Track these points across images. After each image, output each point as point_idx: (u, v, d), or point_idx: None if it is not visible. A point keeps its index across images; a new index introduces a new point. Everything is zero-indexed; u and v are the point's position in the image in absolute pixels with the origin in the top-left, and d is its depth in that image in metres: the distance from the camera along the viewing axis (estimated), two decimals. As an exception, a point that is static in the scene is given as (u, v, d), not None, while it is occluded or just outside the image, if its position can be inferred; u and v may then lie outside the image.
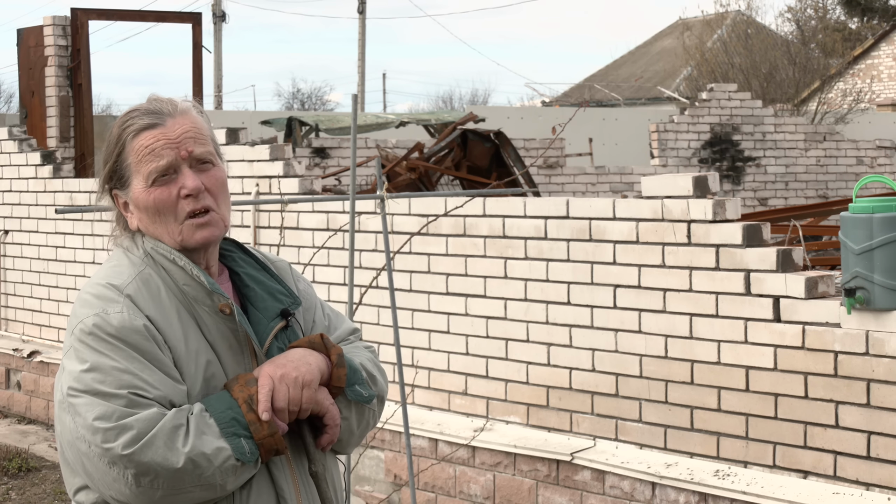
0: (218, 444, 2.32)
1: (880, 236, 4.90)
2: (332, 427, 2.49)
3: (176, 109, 2.48)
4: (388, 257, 5.34)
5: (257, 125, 16.53)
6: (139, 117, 2.48)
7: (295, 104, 57.37)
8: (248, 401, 2.37)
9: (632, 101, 33.67)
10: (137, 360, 2.35)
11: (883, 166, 16.11)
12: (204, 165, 2.47)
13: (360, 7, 36.31)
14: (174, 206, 2.44)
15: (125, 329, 2.36)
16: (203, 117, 2.54)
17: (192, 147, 2.45)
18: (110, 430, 2.29)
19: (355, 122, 5.25)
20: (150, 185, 2.44)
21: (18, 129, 10.69)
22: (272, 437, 2.37)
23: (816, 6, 32.32)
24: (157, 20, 15.01)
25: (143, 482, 2.29)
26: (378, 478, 7.20)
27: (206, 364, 2.43)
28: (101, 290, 2.42)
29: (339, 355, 2.51)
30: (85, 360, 2.35)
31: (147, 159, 2.45)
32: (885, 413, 5.03)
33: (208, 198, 2.46)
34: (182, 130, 2.46)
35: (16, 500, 7.80)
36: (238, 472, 2.35)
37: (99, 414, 2.30)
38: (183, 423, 2.32)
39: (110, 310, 2.38)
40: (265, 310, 2.52)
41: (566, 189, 14.71)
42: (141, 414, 2.30)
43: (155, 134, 2.45)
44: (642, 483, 5.84)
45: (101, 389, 2.32)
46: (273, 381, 2.40)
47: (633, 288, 5.93)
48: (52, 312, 10.03)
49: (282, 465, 2.46)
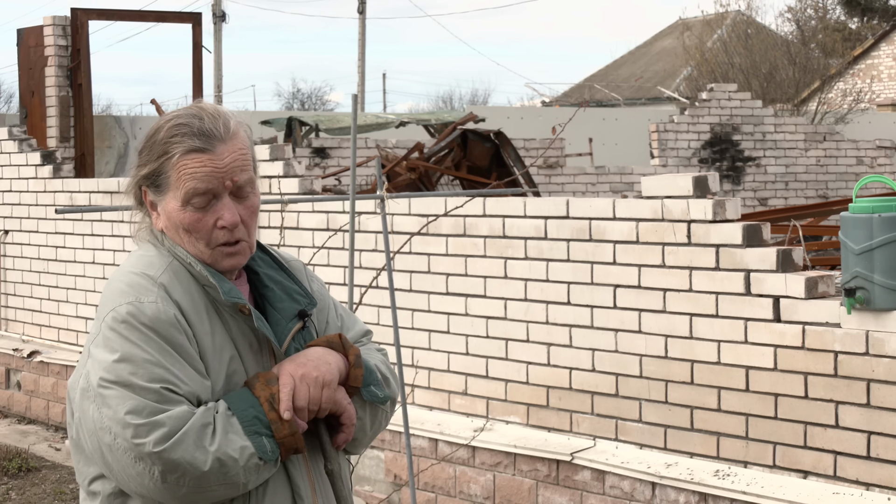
0: (242, 443, 2.34)
1: (880, 236, 4.90)
2: (348, 426, 2.51)
3: (228, 133, 2.43)
4: (388, 257, 5.34)
5: (257, 125, 16.51)
6: (190, 137, 2.41)
7: (295, 104, 57.38)
8: (269, 399, 2.38)
9: (632, 101, 33.67)
10: (169, 353, 2.34)
11: (883, 166, 16.12)
12: (243, 194, 2.45)
13: (361, 7, 36.31)
14: (208, 232, 2.43)
15: (159, 320, 2.35)
16: (248, 132, 2.51)
17: (237, 177, 2.43)
18: (142, 426, 2.28)
19: (355, 122, 5.25)
20: (186, 206, 2.42)
21: (18, 129, 10.69)
22: (293, 436, 2.38)
23: (816, 6, 32.34)
24: (157, 20, 15.02)
25: (169, 479, 2.30)
26: (378, 478, 7.20)
27: (230, 360, 2.44)
28: (135, 279, 2.41)
29: (356, 356, 2.53)
30: (115, 350, 2.34)
31: (189, 182, 2.41)
32: (885, 413, 5.03)
33: (242, 230, 2.46)
34: (231, 160, 2.42)
35: (16, 500, 7.80)
36: (260, 471, 2.37)
37: (131, 408, 2.29)
38: (211, 422, 2.33)
39: (144, 299, 2.37)
40: (283, 310, 2.53)
41: (566, 189, 14.71)
42: (173, 411, 2.30)
43: (203, 160, 2.41)
44: (642, 483, 5.84)
45: (133, 382, 2.31)
46: (294, 381, 2.41)
47: (633, 288, 5.93)
48: (52, 312, 10.03)
49: (298, 464, 2.47)
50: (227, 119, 2.45)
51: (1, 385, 10.33)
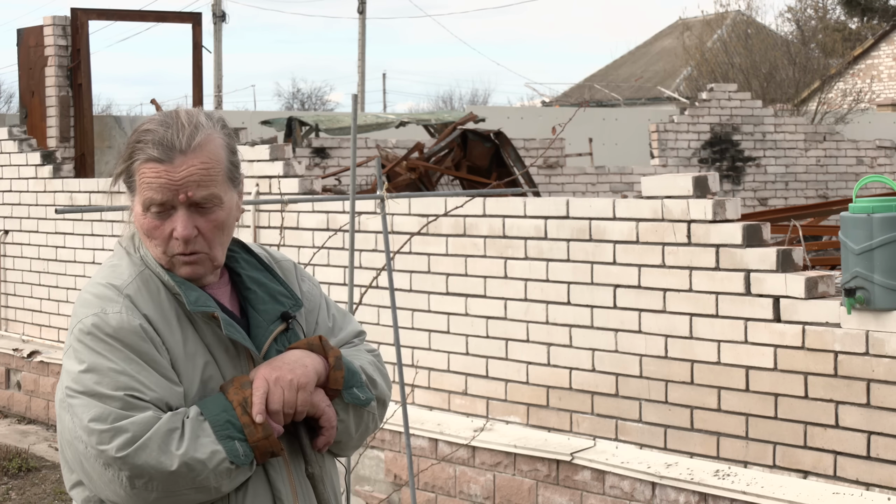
0: (212, 448, 2.33)
1: (880, 236, 4.90)
2: (327, 429, 2.49)
3: (191, 144, 2.39)
4: (388, 257, 5.34)
5: (257, 125, 16.52)
6: (150, 146, 2.39)
7: (295, 104, 57.37)
8: (242, 403, 2.38)
9: (632, 101, 33.67)
10: (135, 362, 2.35)
11: (883, 166, 16.11)
12: (203, 208, 2.41)
13: (361, 7, 36.30)
14: (165, 240, 2.42)
15: (123, 329, 2.36)
16: (225, 141, 2.45)
17: (192, 192, 2.38)
18: (105, 433, 2.30)
19: (355, 122, 5.25)
20: (146, 212, 2.42)
21: (18, 129, 10.69)
22: (267, 440, 2.37)
23: (816, 6, 32.33)
24: (157, 20, 15.02)
25: (137, 484, 2.31)
26: (378, 478, 7.20)
27: (204, 366, 2.43)
28: (101, 290, 2.42)
29: (336, 358, 2.50)
30: (83, 361, 2.36)
31: (146, 191, 2.40)
32: (885, 413, 5.03)
33: (199, 242, 2.42)
34: (187, 174, 2.38)
35: (16, 500, 7.81)
36: (233, 475, 2.36)
37: (95, 415, 2.31)
38: (178, 427, 2.33)
39: (109, 310, 2.38)
40: (265, 312, 2.52)
41: (566, 189, 14.71)
42: (136, 417, 2.31)
43: (159, 171, 2.38)
44: (642, 483, 5.84)
45: (98, 391, 2.32)
46: (268, 384, 2.40)
47: (633, 288, 5.93)
48: (52, 312, 10.03)
49: (279, 467, 2.46)
50: (196, 130, 2.40)
51: (1, 385, 10.33)
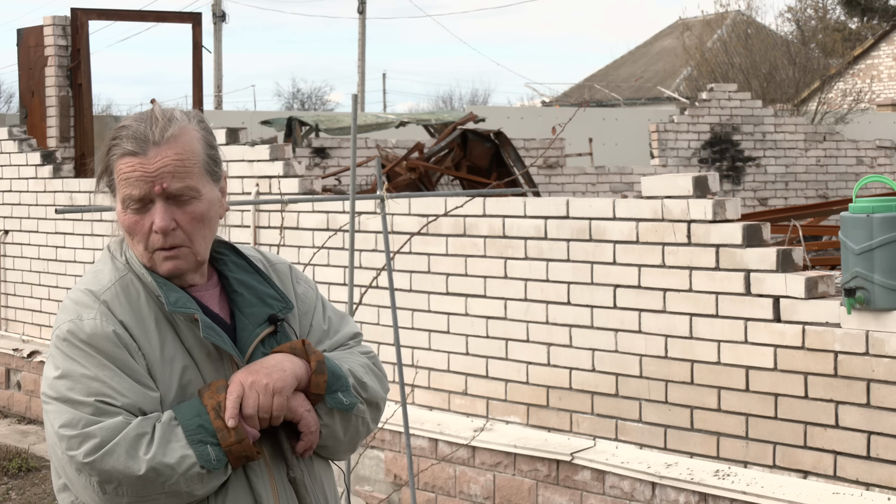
0: (182, 452, 2.32)
1: (880, 236, 4.90)
2: (307, 434, 2.46)
3: (164, 136, 2.39)
4: (388, 257, 5.34)
5: (257, 125, 16.53)
6: (124, 140, 2.41)
7: (295, 104, 57.38)
8: (216, 408, 2.37)
9: (632, 101, 33.67)
10: (107, 368, 2.35)
11: (883, 166, 16.12)
12: (181, 200, 2.41)
13: (361, 7, 36.31)
14: (145, 236, 2.42)
15: (97, 336, 2.37)
16: (201, 134, 2.45)
17: (167, 183, 2.38)
18: (74, 438, 2.31)
19: (355, 122, 5.25)
20: (126, 209, 2.42)
21: (18, 129, 10.69)
22: (240, 444, 2.36)
23: (816, 6, 32.32)
24: (157, 20, 15.01)
25: (107, 489, 2.32)
26: (378, 478, 7.20)
27: (182, 370, 2.42)
28: (80, 296, 2.43)
29: (319, 362, 2.47)
30: (58, 367, 2.37)
31: (124, 187, 2.41)
32: (885, 413, 5.03)
33: (179, 235, 2.42)
34: (161, 165, 2.38)
35: (16, 500, 7.81)
36: (205, 480, 2.35)
37: (65, 421, 2.33)
38: (147, 432, 2.32)
39: (84, 316, 2.39)
40: (252, 315, 2.50)
41: (566, 189, 14.71)
42: (105, 422, 2.31)
43: (133, 164, 2.39)
44: (642, 483, 5.84)
45: (70, 397, 2.34)
46: (243, 388, 2.38)
47: (633, 288, 5.93)
48: (52, 312, 10.03)
49: (260, 471, 2.44)
50: (170, 123, 2.41)
51: (1, 385, 10.33)
